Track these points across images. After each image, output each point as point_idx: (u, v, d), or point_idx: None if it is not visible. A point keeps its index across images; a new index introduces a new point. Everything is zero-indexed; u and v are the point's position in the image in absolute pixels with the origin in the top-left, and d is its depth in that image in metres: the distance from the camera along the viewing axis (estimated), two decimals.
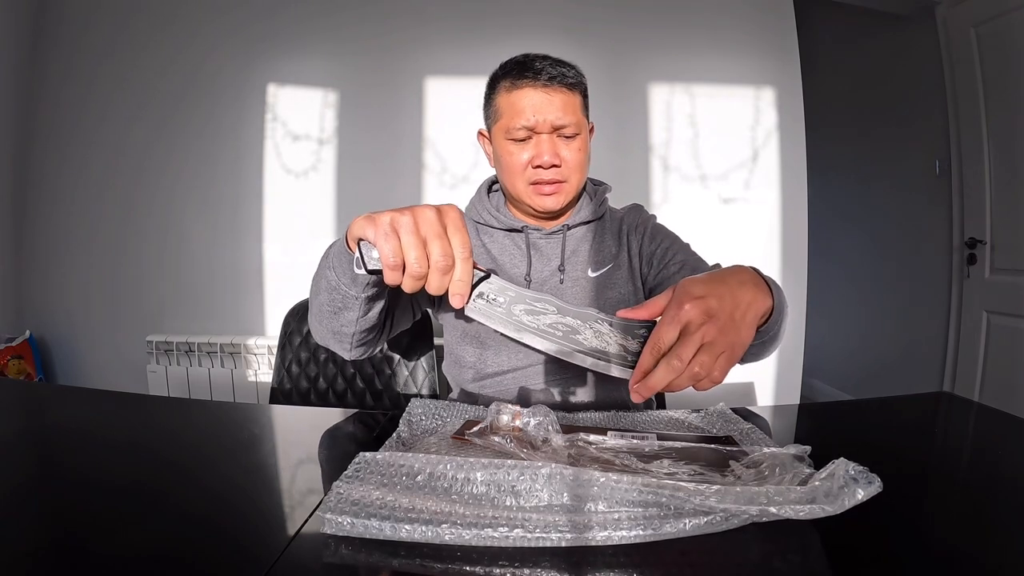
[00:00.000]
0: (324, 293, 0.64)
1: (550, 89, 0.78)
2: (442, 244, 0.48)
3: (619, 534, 0.37)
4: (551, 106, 0.78)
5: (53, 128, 2.01)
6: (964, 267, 2.10)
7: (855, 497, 0.37)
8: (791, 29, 1.92)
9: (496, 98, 0.82)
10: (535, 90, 0.78)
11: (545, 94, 0.78)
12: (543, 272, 0.86)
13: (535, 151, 0.79)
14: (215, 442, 0.64)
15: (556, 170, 0.80)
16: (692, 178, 1.94)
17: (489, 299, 0.54)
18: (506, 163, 0.82)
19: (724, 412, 0.65)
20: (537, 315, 0.54)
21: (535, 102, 0.78)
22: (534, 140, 0.79)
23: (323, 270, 0.63)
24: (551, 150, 0.78)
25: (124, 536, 0.40)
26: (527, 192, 0.82)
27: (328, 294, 0.64)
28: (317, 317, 0.69)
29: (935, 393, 1.44)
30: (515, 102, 0.79)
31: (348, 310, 0.64)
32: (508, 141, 0.80)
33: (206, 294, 1.99)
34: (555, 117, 0.78)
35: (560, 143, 0.80)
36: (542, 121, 0.78)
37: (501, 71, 0.82)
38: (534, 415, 0.53)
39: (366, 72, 1.93)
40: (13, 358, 1.85)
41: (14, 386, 1.05)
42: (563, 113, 0.78)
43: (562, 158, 0.79)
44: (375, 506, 0.39)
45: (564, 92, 0.79)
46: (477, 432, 0.53)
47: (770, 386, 1.97)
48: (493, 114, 0.83)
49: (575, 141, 0.80)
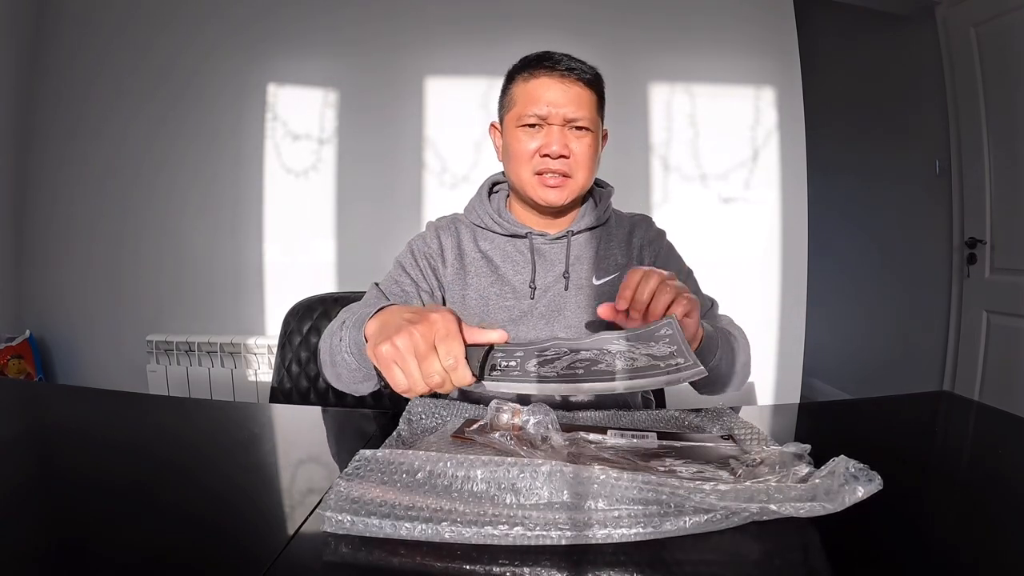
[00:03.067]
0: (343, 368, 0.67)
1: (567, 80, 0.77)
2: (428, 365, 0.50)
3: (619, 532, 0.37)
4: (565, 97, 0.77)
5: (53, 127, 2.01)
6: (964, 267, 2.10)
7: (855, 495, 0.37)
8: (791, 29, 1.93)
9: (512, 88, 0.82)
10: (551, 79, 0.78)
11: (561, 84, 0.77)
12: (547, 278, 0.85)
13: (545, 140, 0.78)
14: (215, 441, 0.64)
15: (563, 161, 0.78)
16: (692, 178, 1.94)
17: (501, 367, 0.52)
18: (514, 151, 0.81)
19: (724, 411, 0.65)
20: (553, 362, 0.51)
21: (550, 91, 0.77)
22: (545, 130, 0.79)
23: (339, 352, 0.65)
24: (561, 141, 0.78)
25: (124, 535, 0.40)
26: (532, 183, 0.81)
27: (348, 371, 0.67)
28: (335, 379, 0.71)
29: (935, 392, 1.44)
30: (531, 91, 0.78)
31: (368, 381, 0.68)
32: (519, 129, 0.80)
33: (206, 294, 1.99)
34: (568, 109, 0.77)
35: (571, 136, 0.79)
36: (555, 112, 0.77)
37: (521, 63, 0.82)
38: (534, 414, 0.53)
39: (366, 72, 1.93)
40: (13, 358, 1.85)
41: (14, 386, 1.05)
42: (577, 106, 0.78)
43: (571, 150, 0.78)
44: (375, 504, 0.39)
45: (580, 86, 0.78)
46: (477, 430, 0.53)
47: (770, 386, 1.97)
48: (507, 103, 0.83)
49: (586, 137, 0.79)
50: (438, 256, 0.87)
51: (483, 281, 0.85)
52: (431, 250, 0.87)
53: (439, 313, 0.52)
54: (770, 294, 1.96)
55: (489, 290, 0.84)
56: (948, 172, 2.16)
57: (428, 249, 0.87)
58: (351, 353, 0.64)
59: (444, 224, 0.91)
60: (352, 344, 0.63)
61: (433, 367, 0.49)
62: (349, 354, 0.64)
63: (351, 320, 0.65)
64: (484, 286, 0.84)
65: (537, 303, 0.84)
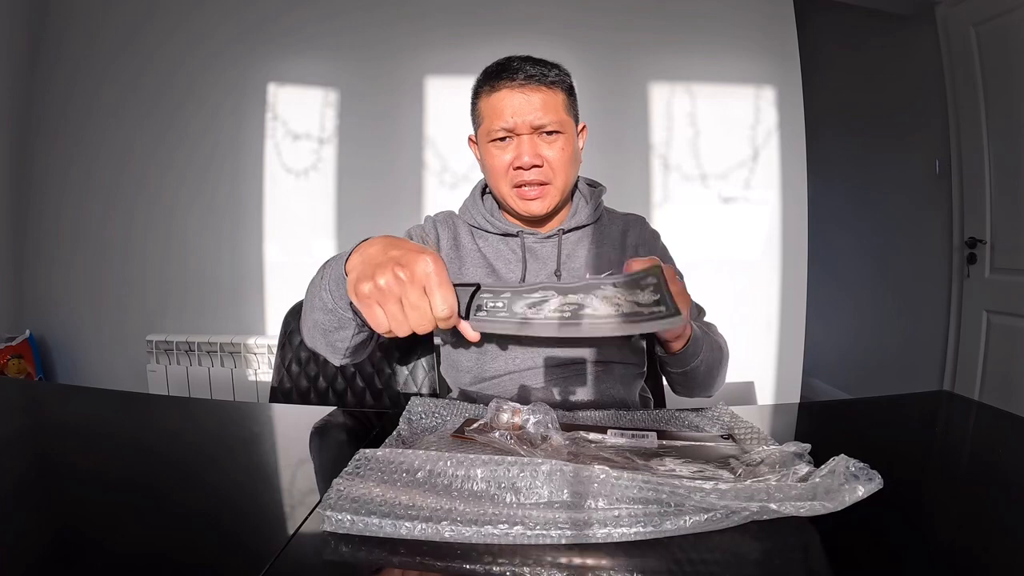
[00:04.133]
0: (319, 312, 0.65)
1: (527, 88, 0.77)
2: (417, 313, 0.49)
3: (619, 531, 0.37)
4: (529, 105, 0.77)
5: (53, 127, 2.01)
6: (964, 267, 2.10)
7: (855, 494, 0.37)
8: (791, 29, 1.93)
9: (478, 103, 0.82)
10: (512, 91, 0.77)
11: (523, 94, 0.77)
12: (539, 276, 0.86)
13: (516, 152, 0.78)
14: (215, 440, 0.64)
15: (538, 171, 0.78)
16: (692, 177, 1.94)
17: (488, 308, 0.53)
18: (490, 166, 0.81)
19: (724, 411, 0.65)
20: (540, 305, 0.52)
21: (513, 103, 0.77)
22: (515, 141, 0.79)
23: (319, 290, 0.64)
24: (531, 150, 0.77)
25: (125, 534, 0.40)
26: (511, 196, 0.81)
27: (324, 314, 0.65)
28: (311, 329, 0.69)
29: (935, 392, 1.44)
30: (494, 104, 0.78)
31: (343, 329, 0.66)
32: (490, 144, 0.80)
33: (206, 294, 1.99)
34: (534, 117, 0.77)
35: (541, 143, 0.78)
36: (521, 122, 0.77)
37: (482, 76, 0.82)
38: (534, 413, 0.53)
39: (366, 71, 1.93)
40: (13, 357, 1.85)
41: (14, 385, 1.05)
42: (542, 112, 0.77)
43: (544, 158, 0.78)
44: (375, 503, 0.39)
45: (543, 91, 0.77)
46: (477, 429, 0.53)
47: (770, 385, 1.97)
48: (476, 119, 0.83)
49: (558, 140, 0.79)
50: (435, 246, 0.87)
51: (478, 274, 0.85)
52: (428, 238, 0.88)
53: (427, 254, 0.50)
54: (770, 294, 1.96)
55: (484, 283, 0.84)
56: (948, 172, 2.16)
57: (426, 237, 0.88)
58: (329, 291, 0.61)
59: (442, 219, 0.91)
60: (333, 280, 0.61)
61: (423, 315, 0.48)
62: (327, 292, 0.62)
63: (335, 258, 0.62)
64: (479, 279, 0.85)
65: None
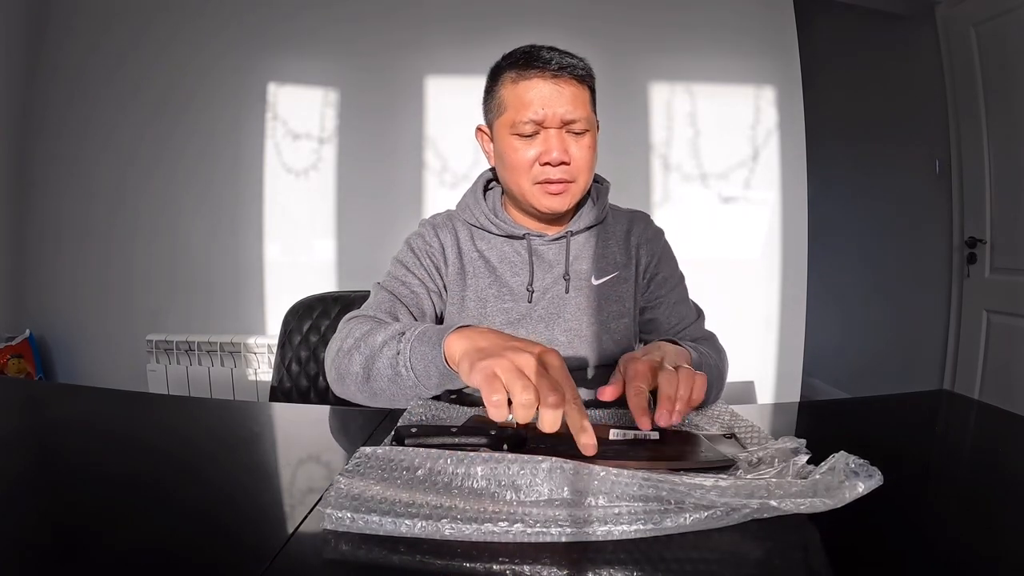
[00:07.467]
0: (387, 382, 0.64)
1: (560, 80, 0.72)
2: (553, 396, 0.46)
3: (620, 529, 0.37)
4: (560, 98, 0.72)
5: (53, 127, 2.01)
6: (964, 266, 2.10)
7: (855, 490, 0.37)
8: (791, 29, 1.93)
9: (500, 90, 0.76)
10: (544, 81, 0.72)
11: (555, 85, 0.72)
12: (545, 280, 0.82)
13: (543, 147, 0.74)
14: (215, 439, 0.64)
15: (564, 168, 0.74)
16: (692, 177, 1.94)
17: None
18: (510, 161, 0.76)
19: (724, 409, 0.65)
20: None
21: (544, 94, 0.72)
22: (542, 135, 0.74)
23: (395, 366, 0.63)
24: (560, 146, 0.73)
25: (125, 533, 0.40)
26: (532, 192, 0.76)
27: (399, 388, 0.64)
28: (359, 387, 0.67)
29: (935, 391, 1.44)
30: (522, 94, 0.73)
31: (408, 399, 0.65)
32: (513, 136, 0.75)
33: (206, 293, 1.99)
34: (565, 111, 0.72)
35: (569, 140, 0.74)
36: (551, 115, 0.72)
37: (505, 61, 0.76)
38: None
39: (366, 71, 1.94)
40: (13, 357, 1.85)
41: (14, 385, 1.05)
42: (573, 107, 0.73)
43: (571, 156, 0.74)
44: (375, 501, 0.39)
45: (574, 84, 0.73)
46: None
47: (770, 385, 1.97)
48: (496, 108, 0.77)
49: (584, 138, 0.75)
50: (440, 255, 0.84)
51: (481, 282, 0.82)
52: (433, 249, 0.84)
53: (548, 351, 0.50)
54: (770, 293, 1.96)
55: (487, 291, 0.82)
56: (948, 172, 2.16)
57: (430, 248, 0.84)
58: (410, 368, 0.61)
59: (440, 222, 0.87)
60: (416, 357, 0.61)
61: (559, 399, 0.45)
62: (408, 369, 0.62)
63: (411, 335, 0.62)
64: (482, 287, 0.82)
65: (535, 306, 0.82)
